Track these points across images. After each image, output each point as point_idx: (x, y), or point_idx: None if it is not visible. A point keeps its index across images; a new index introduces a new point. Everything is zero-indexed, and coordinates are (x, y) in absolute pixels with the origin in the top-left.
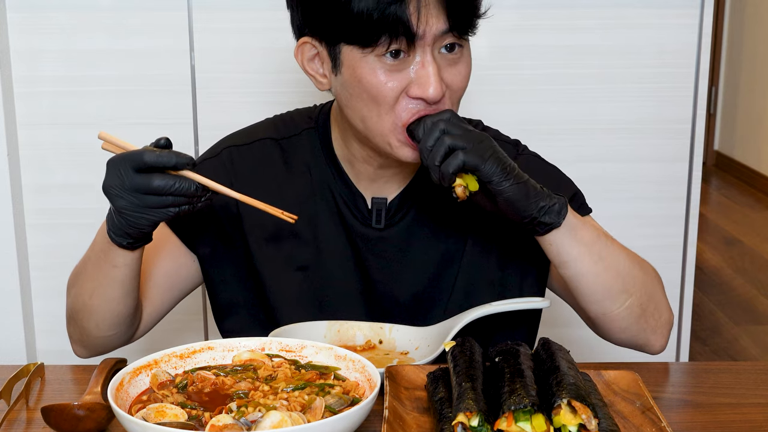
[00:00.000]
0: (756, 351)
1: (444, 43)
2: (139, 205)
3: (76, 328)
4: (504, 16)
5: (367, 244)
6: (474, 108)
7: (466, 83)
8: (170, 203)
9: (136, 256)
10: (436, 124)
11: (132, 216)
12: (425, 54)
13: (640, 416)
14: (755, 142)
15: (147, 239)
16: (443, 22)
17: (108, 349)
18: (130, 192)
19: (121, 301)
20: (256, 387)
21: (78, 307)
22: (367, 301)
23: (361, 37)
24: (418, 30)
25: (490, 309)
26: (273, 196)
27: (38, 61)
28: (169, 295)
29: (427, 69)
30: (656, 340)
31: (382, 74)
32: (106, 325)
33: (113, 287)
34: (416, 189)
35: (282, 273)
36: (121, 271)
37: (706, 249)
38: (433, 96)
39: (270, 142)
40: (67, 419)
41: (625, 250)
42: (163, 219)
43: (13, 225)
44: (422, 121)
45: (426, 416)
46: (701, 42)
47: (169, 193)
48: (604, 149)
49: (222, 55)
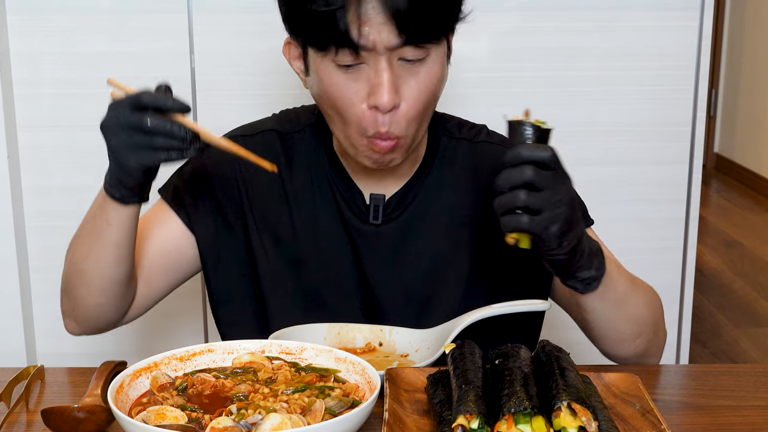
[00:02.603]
0: (756, 353)
1: (402, 55)
2: (130, 143)
3: (68, 298)
4: (505, 19)
5: (364, 240)
6: (474, 109)
7: (430, 94)
8: (160, 145)
9: (130, 214)
10: (522, 171)
11: (122, 154)
12: (379, 63)
13: (640, 419)
14: (755, 145)
15: (141, 195)
16: (395, 36)
17: (100, 325)
18: (123, 129)
19: (114, 266)
20: (256, 389)
21: (71, 273)
22: (362, 297)
23: (316, 42)
24: (365, 42)
25: (490, 311)
26: (275, 186)
27: (38, 64)
28: (165, 277)
29: (380, 78)
30: (653, 361)
31: (339, 80)
32: (97, 290)
33: (107, 249)
34: (416, 187)
35: (278, 265)
36: (115, 231)
37: (706, 251)
38: (384, 105)
39: (274, 134)
40: (67, 422)
41: (640, 290)
42: (152, 162)
43: (13, 227)
44: (518, 146)
45: (426, 418)
46: (701, 44)
47: (160, 133)
48: (604, 151)
49: (222, 57)
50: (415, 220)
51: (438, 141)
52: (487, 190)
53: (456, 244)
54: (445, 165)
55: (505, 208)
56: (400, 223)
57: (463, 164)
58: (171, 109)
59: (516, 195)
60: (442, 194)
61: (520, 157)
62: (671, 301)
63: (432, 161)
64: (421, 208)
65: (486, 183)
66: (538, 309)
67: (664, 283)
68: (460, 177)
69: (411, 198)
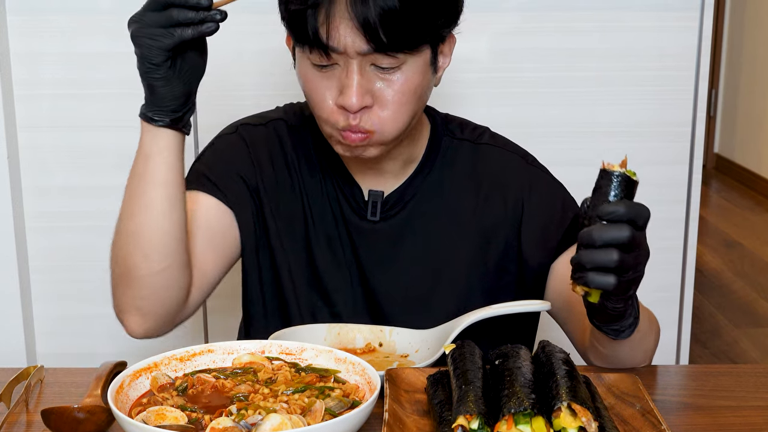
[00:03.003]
0: (756, 354)
1: (374, 62)
2: (146, 24)
3: (125, 285)
4: (504, 19)
5: (361, 236)
6: (474, 110)
7: (405, 100)
8: (174, 19)
9: (169, 141)
10: (620, 229)
11: (142, 42)
12: (350, 65)
13: (640, 419)
14: (755, 145)
15: (176, 119)
16: (365, 42)
17: (166, 309)
18: (141, 14)
19: (168, 213)
20: (256, 390)
21: (123, 246)
22: (362, 293)
23: (294, 38)
24: (335, 44)
25: (490, 312)
26: (284, 177)
27: (38, 64)
28: (216, 258)
29: (350, 80)
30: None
31: (314, 77)
32: (155, 252)
33: (155, 192)
34: (415, 185)
35: (292, 256)
36: (158, 165)
37: (706, 252)
38: (351, 107)
39: (283, 124)
40: (67, 422)
41: (653, 326)
42: (168, 43)
43: (13, 228)
44: (620, 203)
45: (426, 419)
46: (701, 45)
47: (171, 4)
48: (604, 152)
49: (221, 57)
50: (414, 218)
51: (440, 141)
52: (488, 192)
53: (454, 243)
54: (446, 165)
55: (594, 265)
56: (398, 221)
57: (464, 165)
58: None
59: (609, 254)
60: (442, 194)
61: (619, 215)
62: (671, 302)
63: (433, 161)
64: (419, 207)
65: (487, 186)
66: (539, 309)
67: (664, 284)
68: (460, 178)
69: (410, 196)
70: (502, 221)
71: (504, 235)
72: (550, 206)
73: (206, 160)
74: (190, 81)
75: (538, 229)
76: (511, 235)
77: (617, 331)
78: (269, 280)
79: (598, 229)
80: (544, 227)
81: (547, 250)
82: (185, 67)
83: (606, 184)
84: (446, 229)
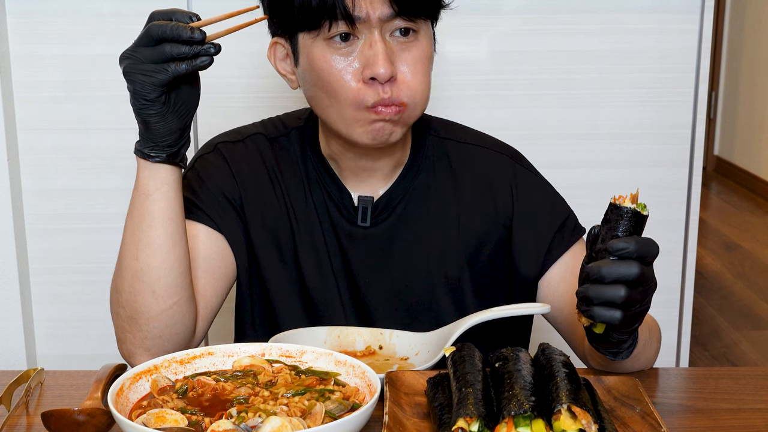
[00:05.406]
0: (756, 356)
1: (394, 28)
2: (139, 59)
3: (134, 326)
4: (505, 21)
5: (353, 242)
6: (474, 112)
7: (424, 68)
8: (167, 54)
9: (166, 176)
10: (629, 267)
11: (135, 78)
12: (372, 34)
13: (640, 422)
14: (755, 147)
15: (172, 154)
16: (387, 6)
17: (174, 343)
18: (133, 50)
19: (171, 248)
20: (257, 392)
21: (128, 286)
22: (352, 300)
23: (307, 21)
24: (358, 12)
25: (490, 314)
26: (267, 190)
27: (38, 66)
28: (215, 283)
29: (375, 48)
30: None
31: (333, 58)
32: (163, 288)
33: (156, 230)
34: (403, 188)
35: (279, 267)
36: (157, 202)
37: (706, 254)
38: (382, 75)
39: (262, 137)
40: (67, 424)
41: (654, 335)
42: (162, 79)
43: (13, 230)
44: (629, 239)
45: (426, 422)
46: (701, 47)
47: (164, 39)
48: (604, 154)
49: (221, 60)
50: (403, 222)
51: (424, 141)
52: (476, 192)
53: (443, 245)
54: (431, 165)
55: (602, 300)
56: (388, 225)
57: (449, 164)
58: (179, 20)
59: (617, 290)
60: (429, 195)
61: (629, 252)
62: (671, 304)
63: (418, 162)
64: (408, 210)
65: (476, 186)
66: (538, 312)
67: (664, 286)
68: (447, 177)
69: (398, 199)
70: (492, 221)
71: (494, 236)
72: (539, 206)
73: (190, 185)
74: (185, 115)
75: (528, 229)
76: (501, 236)
77: (616, 354)
78: (258, 295)
79: (607, 265)
80: (534, 228)
81: (537, 251)
82: (179, 101)
83: (616, 219)
84: (435, 231)
